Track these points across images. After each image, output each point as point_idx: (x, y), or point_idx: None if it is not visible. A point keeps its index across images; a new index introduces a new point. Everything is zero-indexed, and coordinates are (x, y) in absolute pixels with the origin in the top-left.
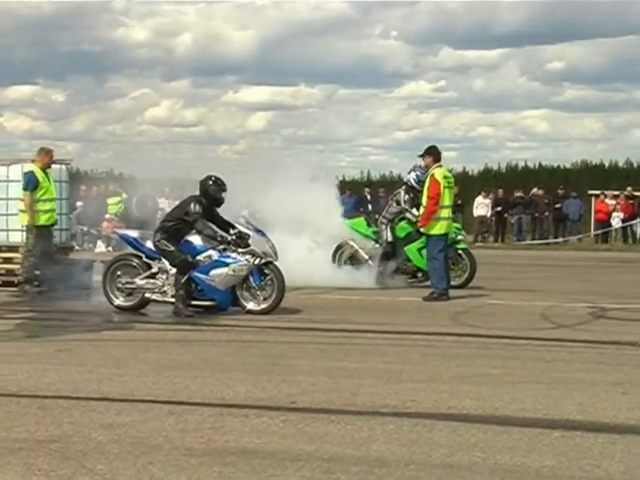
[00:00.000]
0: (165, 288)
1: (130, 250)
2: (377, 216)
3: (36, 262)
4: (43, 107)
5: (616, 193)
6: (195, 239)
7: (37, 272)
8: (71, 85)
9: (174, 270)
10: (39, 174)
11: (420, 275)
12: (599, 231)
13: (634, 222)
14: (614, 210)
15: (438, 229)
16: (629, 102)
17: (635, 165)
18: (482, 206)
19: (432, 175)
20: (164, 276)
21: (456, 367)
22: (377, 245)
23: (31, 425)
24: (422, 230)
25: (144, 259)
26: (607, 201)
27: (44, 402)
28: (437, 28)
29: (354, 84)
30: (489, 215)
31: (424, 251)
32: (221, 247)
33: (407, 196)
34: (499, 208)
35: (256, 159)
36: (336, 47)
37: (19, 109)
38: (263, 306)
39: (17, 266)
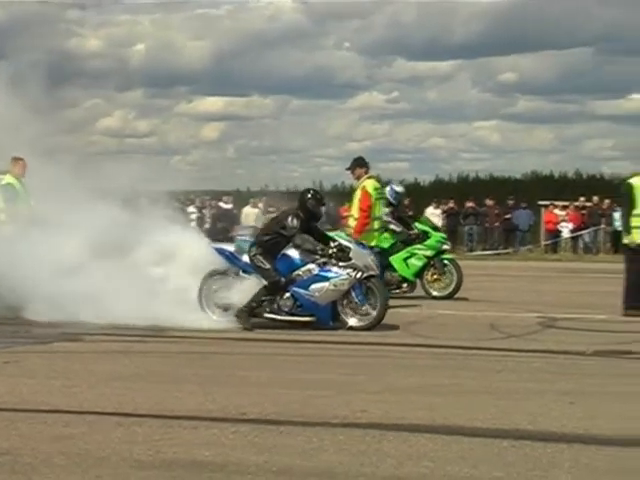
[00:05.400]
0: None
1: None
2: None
3: None
4: None
5: (566, 204)
6: (293, 253)
7: None
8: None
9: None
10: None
11: (405, 286)
12: (549, 242)
13: (583, 232)
14: (563, 220)
15: (371, 241)
16: (580, 114)
17: (584, 176)
18: (433, 217)
19: (364, 187)
20: None
21: (407, 378)
22: None
23: None
24: None
25: (240, 274)
26: (556, 211)
27: None
28: (390, 40)
29: (307, 95)
30: (440, 226)
31: (410, 261)
32: (321, 261)
33: (386, 209)
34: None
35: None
36: (290, 58)
37: None
38: (365, 322)
39: None
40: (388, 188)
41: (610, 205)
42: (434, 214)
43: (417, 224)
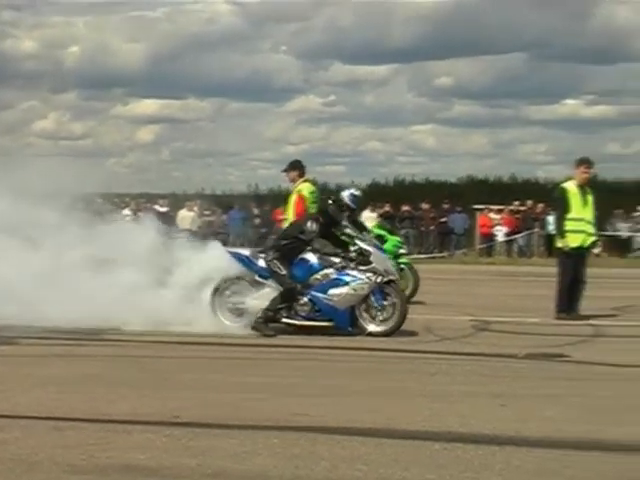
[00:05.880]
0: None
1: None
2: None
3: None
4: None
5: (500, 207)
6: (311, 257)
7: None
8: None
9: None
10: None
11: None
12: (483, 245)
13: (518, 236)
14: (497, 224)
15: None
16: (515, 118)
17: (519, 180)
18: (369, 220)
19: (299, 190)
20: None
21: (341, 380)
22: None
23: None
24: None
25: (256, 278)
26: (491, 215)
27: None
28: (328, 43)
29: (244, 98)
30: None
31: None
32: (340, 265)
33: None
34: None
35: None
36: (227, 61)
37: None
38: (384, 327)
39: None
40: (347, 193)
41: (544, 209)
42: (370, 217)
43: (374, 228)
